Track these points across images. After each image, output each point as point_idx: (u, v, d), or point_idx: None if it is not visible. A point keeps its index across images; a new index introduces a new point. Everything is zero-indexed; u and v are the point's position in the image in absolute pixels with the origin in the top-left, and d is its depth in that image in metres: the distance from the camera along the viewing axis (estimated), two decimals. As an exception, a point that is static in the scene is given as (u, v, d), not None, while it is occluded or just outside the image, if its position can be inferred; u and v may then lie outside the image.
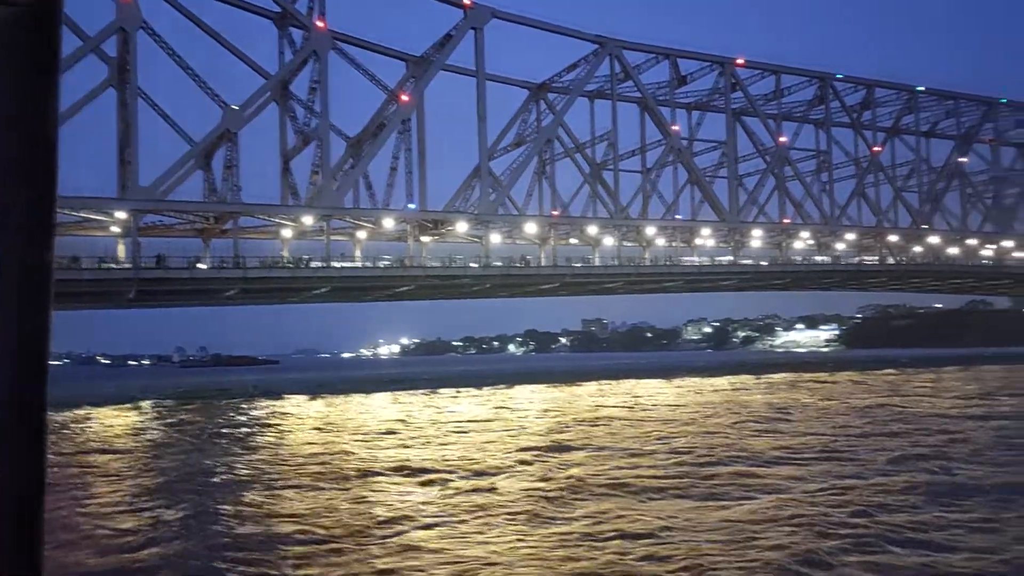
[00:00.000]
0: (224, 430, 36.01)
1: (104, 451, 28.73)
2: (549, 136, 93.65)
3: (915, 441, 26.21)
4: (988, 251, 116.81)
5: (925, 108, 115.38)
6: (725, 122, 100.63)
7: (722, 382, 68.25)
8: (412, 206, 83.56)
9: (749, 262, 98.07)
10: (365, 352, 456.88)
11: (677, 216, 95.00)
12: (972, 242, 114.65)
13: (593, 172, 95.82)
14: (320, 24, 77.69)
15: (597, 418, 36.80)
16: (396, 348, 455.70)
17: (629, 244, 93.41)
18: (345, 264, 79.19)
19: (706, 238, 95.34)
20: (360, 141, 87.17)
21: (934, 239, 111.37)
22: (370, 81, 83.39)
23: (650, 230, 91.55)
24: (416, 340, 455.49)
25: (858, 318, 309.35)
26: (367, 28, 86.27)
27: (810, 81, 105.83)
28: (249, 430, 36.07)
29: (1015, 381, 61.26)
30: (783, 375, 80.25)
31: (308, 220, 76.40)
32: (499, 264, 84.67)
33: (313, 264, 77.01)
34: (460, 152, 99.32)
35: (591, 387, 65.11)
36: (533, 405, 47.40)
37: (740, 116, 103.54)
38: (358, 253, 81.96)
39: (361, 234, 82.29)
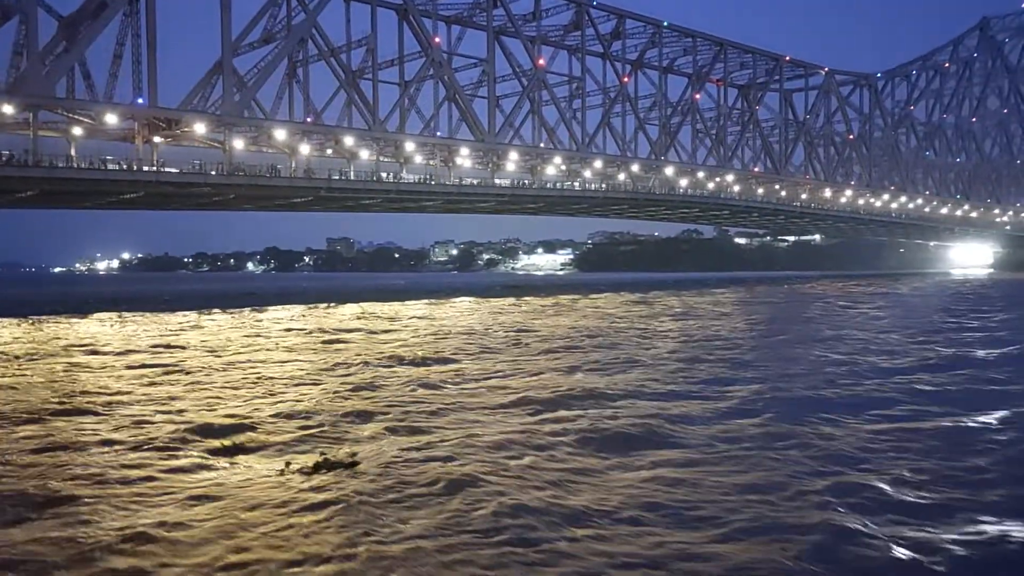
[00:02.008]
0: None
1: None
2: (302, 35, 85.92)
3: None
4: (712, 184, 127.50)
5: (667, 44, 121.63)
6: (486, 39, 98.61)
7: (497, 304, 67.90)
8: (141, 101, 73.00)
9: (506, 183, 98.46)
10: (80, 267, 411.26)
11: (438, 133, 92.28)
12: (700, 175, 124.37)
13: (349, 80, 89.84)
14: None
15: (381, 356, 33.85)
16: (115, 263, 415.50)
17: (386, 159, 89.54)
18: (59, 164, 67.63)
19: (464, 158, 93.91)
20: (76, 21, 74.26)
21: (669, 171, 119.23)
22: (87, -52, 70.67)
23: (409, 145, 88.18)
24: (140, 255, 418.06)
25: (589, 244, 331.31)
26: None
27: (568, 5, 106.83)
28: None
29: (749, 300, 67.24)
30: (534, 299, 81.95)
31: (8, 110, 64.02)
32: (245, 173, 77.08)
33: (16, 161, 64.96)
34: (200, 45, 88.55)
35: (352, 309, 61.65)
36: (292, 328, 43.16)
37: (499, 35, 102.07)
38: (73, 152, 70.53)
39: (77, 130, 70.77)
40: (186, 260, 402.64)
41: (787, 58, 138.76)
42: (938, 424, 16.18)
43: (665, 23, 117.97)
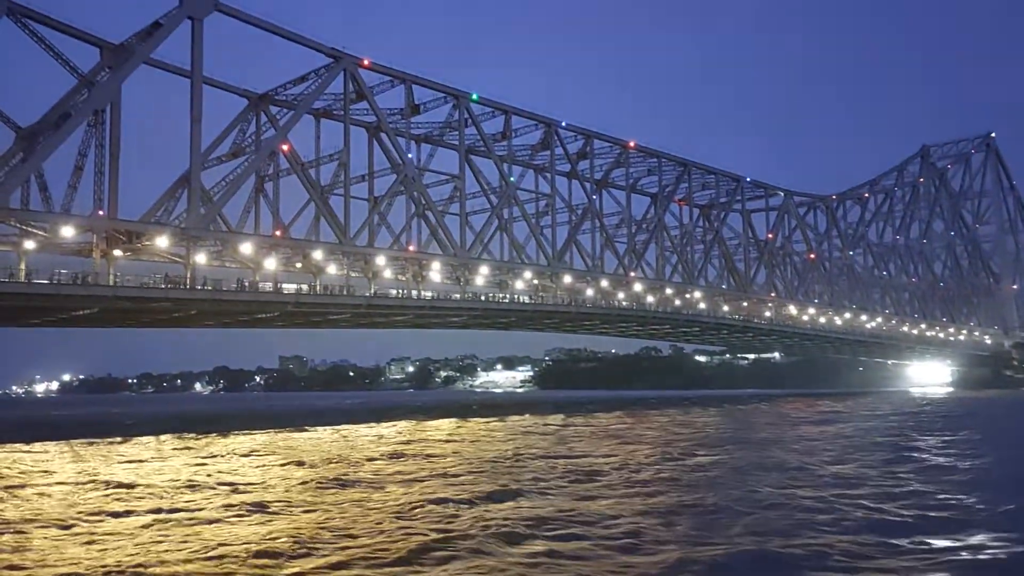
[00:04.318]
0: None
1: None
2: (271, 149, 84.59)
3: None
4: (679, 301, 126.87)
5: (633, 164, 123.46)
6: (458, 157, 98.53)
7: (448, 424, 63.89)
8: (101, 213, 69.60)
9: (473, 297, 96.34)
10: (16, 389, 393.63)
11: (410, 247, 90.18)
12: (668, 291, 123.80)
13: (318, 194, 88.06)
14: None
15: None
16: (55, 385, 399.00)
17: (355, 274, 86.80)
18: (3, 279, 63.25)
19: (435, 272, 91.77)
20: (36, 132, 71.74)
21: (637, 287, 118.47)
22: (54, 58, 68.91)
23: (380, 260, 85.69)
24: (81, 376, 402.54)
25: (547, 360, 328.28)
26: (58, 6, 71.78)
27: (536, 126, 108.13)
28: None
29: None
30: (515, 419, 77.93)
31: (-45, 220, 60.18)
32: (209, 288, 73.25)
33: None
34: (165, 160, 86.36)
35: (326, 433, 57.09)
36: (250, 461, 38.77)
37: (469, 154, 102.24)
38: (23, 266, 66.23)
39: (30, 243, 66.70)
40: (130, 381, 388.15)
41: (747, 179, 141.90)
42: None
43: (631, 144, 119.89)
